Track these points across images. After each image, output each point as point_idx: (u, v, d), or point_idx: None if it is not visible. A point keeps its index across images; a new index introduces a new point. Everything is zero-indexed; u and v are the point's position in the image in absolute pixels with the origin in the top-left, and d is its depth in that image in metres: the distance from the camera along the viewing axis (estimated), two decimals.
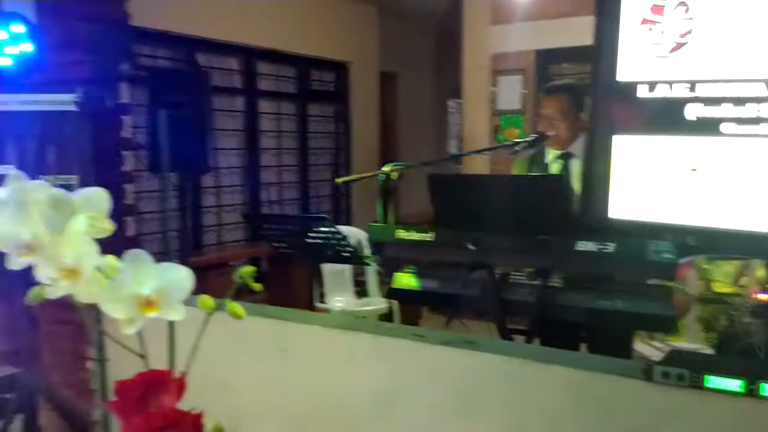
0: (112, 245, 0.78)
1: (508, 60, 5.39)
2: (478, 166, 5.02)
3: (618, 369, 1.47)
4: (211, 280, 3.82)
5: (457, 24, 5.50)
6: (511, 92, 5.43)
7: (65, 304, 0.76)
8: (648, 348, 3.09)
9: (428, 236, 2.05)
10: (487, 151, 5.02)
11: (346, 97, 6.47)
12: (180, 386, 0.65)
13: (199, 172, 4.30)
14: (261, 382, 2.13)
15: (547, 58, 5.31)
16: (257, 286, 0.78)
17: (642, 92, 1.67)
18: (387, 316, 3.93)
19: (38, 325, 3.06)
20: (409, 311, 4.28)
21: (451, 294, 2.18)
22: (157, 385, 0.65)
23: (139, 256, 0.74)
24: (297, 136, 6.10)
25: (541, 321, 2.01)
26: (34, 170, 2.21)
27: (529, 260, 1.97)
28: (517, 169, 2.70)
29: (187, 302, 0.76)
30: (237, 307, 0.77)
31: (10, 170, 2.08)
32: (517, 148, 2.54)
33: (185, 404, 0.73)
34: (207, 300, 0.77)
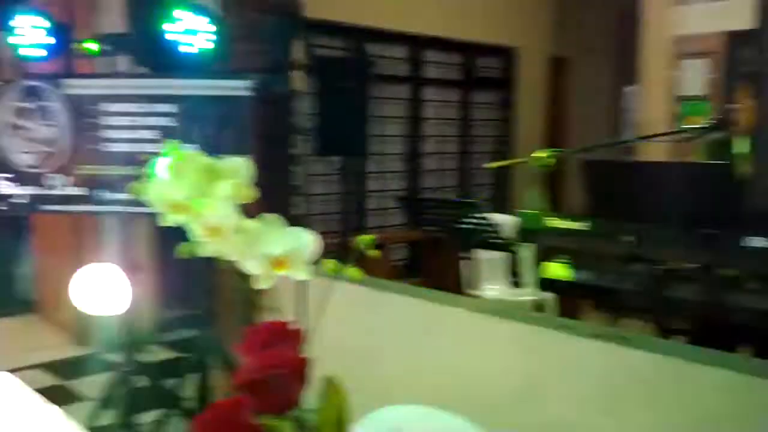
0: None
1: (692, 43, 4.99)
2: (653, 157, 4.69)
3: None
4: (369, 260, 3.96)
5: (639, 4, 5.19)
6: (695, 77, 5.03)
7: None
8: None
9: (582, 225, 1.98)
10: (651, 138, 4.59)
11: (512, 84, 6.36)
12: (296, 336, 0.71)
13: (357, 156, 4.45)
14: (403, 356, 2.20)
15: (739, 41, 4.82)
16: (375, 253, 0.82)
17: None
18: (541, 308, 3.84)
19: (216, 292, 3.39)
20: (569, 306, 4.13)
21: (605, 287, 2.10)
22: (280, 334, 0.71)
23: (272, 220, 0.81)
24: (460, 124, 6.11)
25: (703, 321, 1.87)
26: (215, 150, 2.45)
27: (690, 255, 1.84)
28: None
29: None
30: (355, 271, 0.81)
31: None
32: (689, 134, 2.36)
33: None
34: (330, 264, 0.82)
